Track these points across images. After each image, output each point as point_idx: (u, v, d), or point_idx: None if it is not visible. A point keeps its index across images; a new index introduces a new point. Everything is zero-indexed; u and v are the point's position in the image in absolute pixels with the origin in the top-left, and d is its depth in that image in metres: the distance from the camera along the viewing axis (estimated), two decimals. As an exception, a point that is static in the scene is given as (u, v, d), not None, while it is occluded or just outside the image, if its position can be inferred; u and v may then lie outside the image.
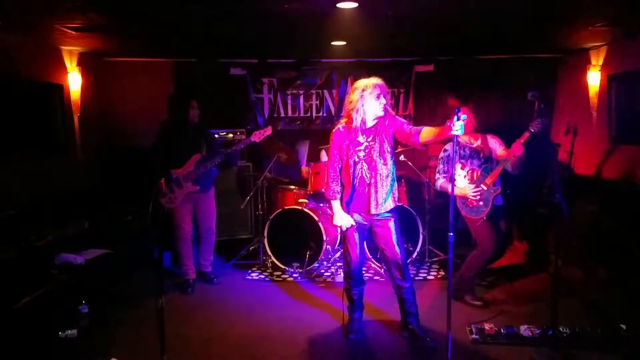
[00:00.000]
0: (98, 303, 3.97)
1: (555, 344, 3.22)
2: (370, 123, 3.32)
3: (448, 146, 4.08)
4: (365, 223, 3.49)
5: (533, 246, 5.35)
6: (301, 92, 6.53)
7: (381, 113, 3.29)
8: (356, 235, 3.47)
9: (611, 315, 3.65)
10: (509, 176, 4.03)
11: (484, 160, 4.04)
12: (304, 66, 6.47)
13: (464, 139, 4.08)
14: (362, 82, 3.28)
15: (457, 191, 3.96)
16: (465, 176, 4.04)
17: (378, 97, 3.23)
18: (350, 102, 3.29)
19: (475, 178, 4.01)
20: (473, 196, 3.94)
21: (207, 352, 3.42)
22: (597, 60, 5.57)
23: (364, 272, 3.83)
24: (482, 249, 4.02)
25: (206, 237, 4.71)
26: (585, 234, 4.75)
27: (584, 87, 5.75)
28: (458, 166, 4.05)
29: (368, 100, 3.22)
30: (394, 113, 3.40)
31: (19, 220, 4.29)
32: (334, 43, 5.26)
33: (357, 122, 3.27)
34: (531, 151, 5.46)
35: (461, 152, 4.07)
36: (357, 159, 3.33)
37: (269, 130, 4.54)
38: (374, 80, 3.25)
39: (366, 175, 3.33)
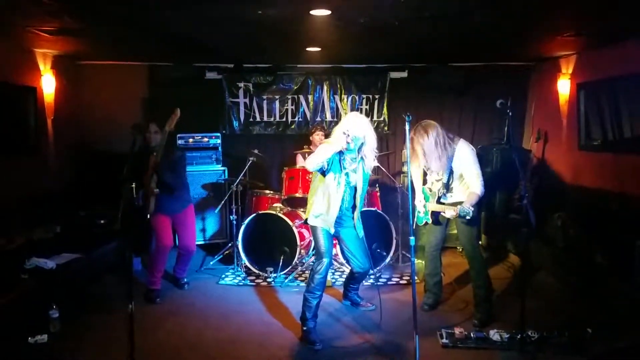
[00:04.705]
0: (69, 308, 3.89)
1: (523, 348, 3.28)
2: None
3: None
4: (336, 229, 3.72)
5: (500, 251, 5.46)
6: (277, 96, 6.53)
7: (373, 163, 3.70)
8: (329, 238, 3.66)
9: (578, 320, 3.72)
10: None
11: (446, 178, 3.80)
12: (279, 71, 6.49)
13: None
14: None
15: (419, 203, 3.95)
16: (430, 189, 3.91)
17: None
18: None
19: (430, 193, 3.90)
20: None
21: (176, 357, 3.39)
22: (567, 69, 5.71)
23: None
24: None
25: (183, 254, 4.64)
26: (552, 240, 4.85)
27: (555, 94, 5.89)
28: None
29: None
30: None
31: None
32: (309, 49, 5.28)
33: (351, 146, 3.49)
34: (504, 158, 5.60)
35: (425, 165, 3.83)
36: (340, 179, 3.57)
37: (177, 112, 4.16)
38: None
39: (346, 200, 3.65)
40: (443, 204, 3.78)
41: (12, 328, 3.52)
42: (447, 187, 3.77)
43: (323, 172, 3.60)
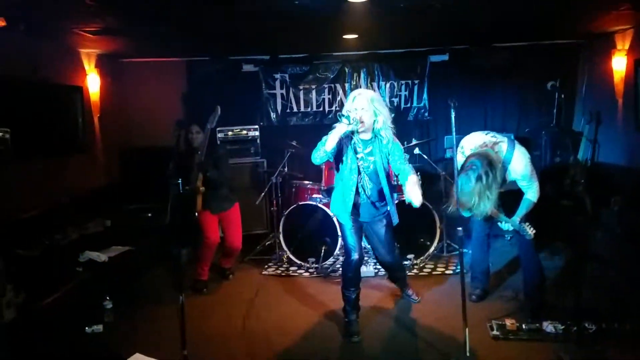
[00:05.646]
0: (121, 299, 4.03)
1: (580, 340, 3.12)
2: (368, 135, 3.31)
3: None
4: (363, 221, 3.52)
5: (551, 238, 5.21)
6: (313, 86, 6.47)
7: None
8: (356, 233, 3.45)
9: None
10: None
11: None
12: (315, 60, 6.41)
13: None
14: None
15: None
16: None
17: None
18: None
19: None
20: None
21: (226, 346, 3.45)
22: (623, 45, 5.35)
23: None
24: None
25: (229, 253, 4.68)
26: (608, 226, 4.60)
27: (609, 72, 5.54)
28: None
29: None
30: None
31: (44, 220, 4.40)
32: (345, 36, 5.18)
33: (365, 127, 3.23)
34: (554, 141, 5.35)
35: None
36: (353, 166, 3.29)
37: (217, 110, 4.13)
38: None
39: (367, 187, 3.37)
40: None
41: (70, 318, 3.68)
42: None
43: (337, 161, 3.38)
